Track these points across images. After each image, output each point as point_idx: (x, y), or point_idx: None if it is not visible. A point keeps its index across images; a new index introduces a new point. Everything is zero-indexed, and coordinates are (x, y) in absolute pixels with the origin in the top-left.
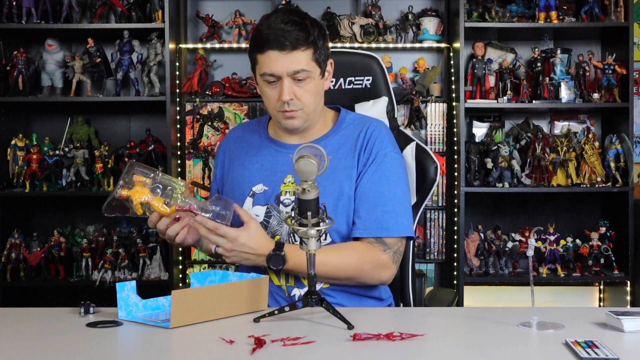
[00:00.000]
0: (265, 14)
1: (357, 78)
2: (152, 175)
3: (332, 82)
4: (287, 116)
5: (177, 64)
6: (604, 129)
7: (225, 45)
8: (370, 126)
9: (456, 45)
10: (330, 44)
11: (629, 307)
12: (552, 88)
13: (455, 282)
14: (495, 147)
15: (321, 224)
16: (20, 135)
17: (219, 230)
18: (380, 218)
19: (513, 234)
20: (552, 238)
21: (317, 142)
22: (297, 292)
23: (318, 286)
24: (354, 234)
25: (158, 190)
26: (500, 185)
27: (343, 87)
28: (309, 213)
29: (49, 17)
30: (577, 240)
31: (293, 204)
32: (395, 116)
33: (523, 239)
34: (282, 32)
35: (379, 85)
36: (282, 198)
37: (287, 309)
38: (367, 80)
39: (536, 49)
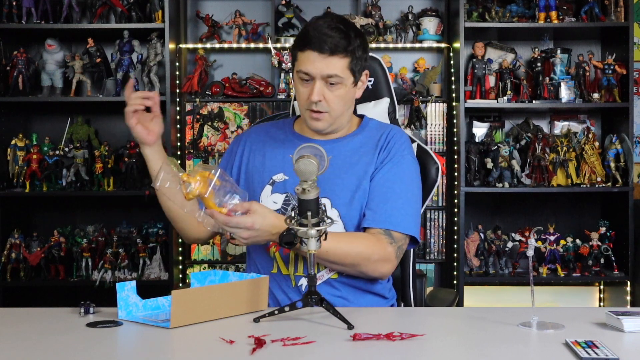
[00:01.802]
0: (316, 15)
1: None
2: (224, 177)
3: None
4: (313, 117)
5: (177, 64)
6: (604, 129)
7: (225, 45)
8: (392, 130)
9: (456, 45)
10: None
11: (629, 307)
12: (552, 88)
13: (455, 282)
14: (495, 147)
15: (321, 224)
16: (20, 135)
17: (231, 223)
18: (390, 212)
19: (513, 234)
20: (552, 238)
21: (341, 140)
22: (304, 282)
23: (326, 275)
24: (364, 224)
25: (216, 189)
26: (500, 185)
27: None
28: (309, 213)
29: (49, 17)
30: (577, 240)
31: (294, 203)
32: (396, 117)
33: (523, 239)
34: (324, 35)
35: (380, 86)
36: None
37: (287, 309)
38: (369, 81)
39: (536, 49)
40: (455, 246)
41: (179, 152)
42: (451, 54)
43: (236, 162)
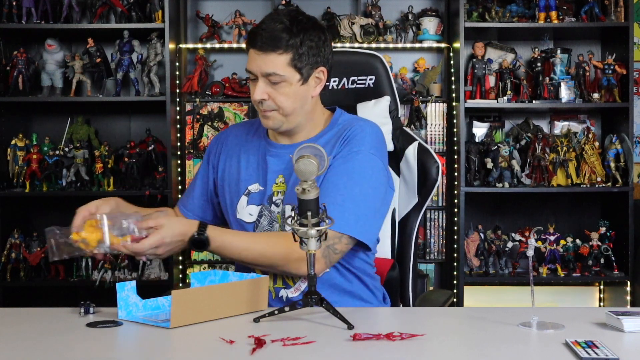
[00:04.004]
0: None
1: (360, 77)
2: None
3: (335, 82)
4: (263, 115)
5: (177, 64)
6: (604, 129)
7: (225, 45)
8: (357, 125)
9: (456, 45)
10: (331, 47)
11: (629, 307)
12: (552, 88)
13: (455, 282)
14: (495, 147)
15: (321, 224)
16: (20, 135)
17: (144, 248)
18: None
19: (513, 234)
20: (552, 238)
21: (308, 142)
22: (285, 294)
23: (303, 285)
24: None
25: (111, 228)
26: (500, 185)
27: (346, 86)
28: (309, 213)
29: (49, 17)
30: (577, 240)
31: (292, 204)
32: (399, 115)
33: (523, 239)
34: (263, 31)
35: (382, 85)
36: (274, 198)
37: (287, 309)
38: (370, 79)
39: (536, 49)
40: (455, 246)
41: (179, 152)
42: (451, 54)
43: (219, 164)
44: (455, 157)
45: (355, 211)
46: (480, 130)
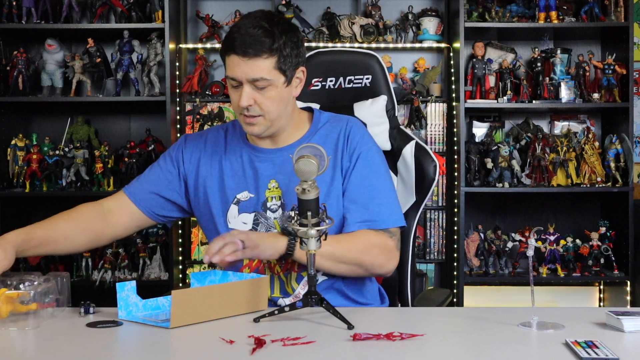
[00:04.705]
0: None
1: (356, 77)
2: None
3: (331, 82)
4: (247, 122)
5: (177, 64)
6: (604, 129)
7: None
8: (348, 124)
9: (456, 45)
10: (330, 44)
11: (629, 307)
12: (552, 88)
13: (455, 282)
14: (495, 147)
15: (321, 224)
16: (20, 135)
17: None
18: (378, 210)
19: (513, 234)
20: (552, 238)
21: (295, 147)
22: (282, 303)
23: (302, 291)
24: (358, 227)
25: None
26: (500, 185)
27: (343, 86)
28: (309, 213)
29: (49, 17)
30: (577, 240)
31: (294, 205)
32: (396, 114)
33: (523, 239)
34: (246, 37)
35: (378, 84)
36: (268, 204)
37: (287, 309)
38: (367, 79)
39: (536, 49)
40: (455, 246)
41: None
42: (451, 54)
43: (199, 171)
44: (455, 157)
45: (396, 203)
46: (480, 130)
